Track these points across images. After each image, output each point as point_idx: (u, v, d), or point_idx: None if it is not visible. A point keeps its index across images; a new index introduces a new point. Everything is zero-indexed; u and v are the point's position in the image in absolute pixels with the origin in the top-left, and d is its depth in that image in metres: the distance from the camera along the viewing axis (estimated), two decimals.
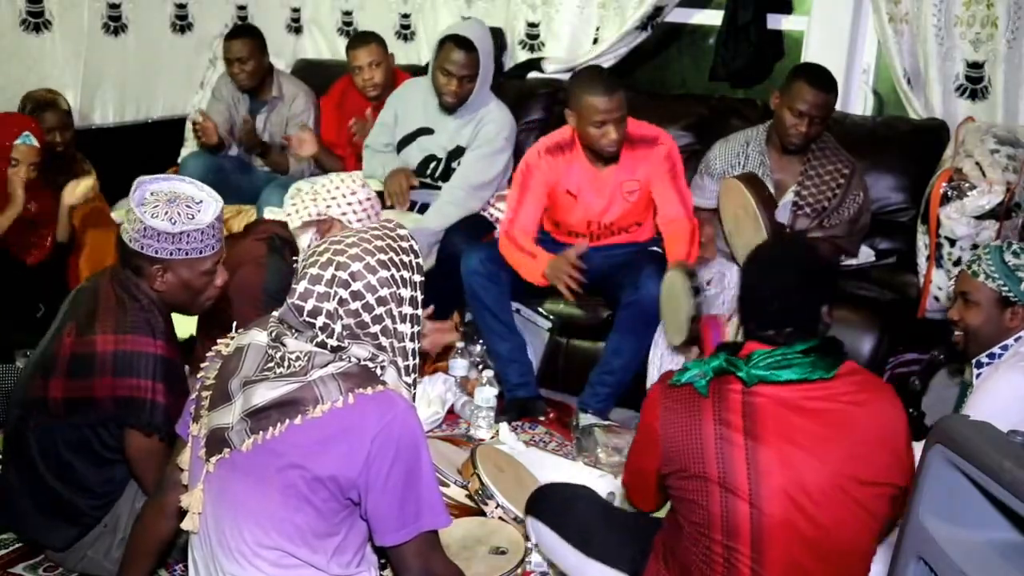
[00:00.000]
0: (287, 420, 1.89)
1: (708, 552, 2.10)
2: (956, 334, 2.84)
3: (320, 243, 2.04)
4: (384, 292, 1.97)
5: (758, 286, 2.20)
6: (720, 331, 3.05)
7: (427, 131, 4.25)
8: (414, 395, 2.10)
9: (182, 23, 5.47)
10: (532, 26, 5.16)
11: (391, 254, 2.01)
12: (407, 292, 2.03)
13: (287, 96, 4.92)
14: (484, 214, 4.18)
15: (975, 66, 4.07)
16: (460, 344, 4.01)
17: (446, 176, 4.20)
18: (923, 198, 3.73)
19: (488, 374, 3.73)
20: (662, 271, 3.62)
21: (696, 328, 3.31)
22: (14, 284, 3.88)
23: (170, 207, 2.39)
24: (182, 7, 5.45)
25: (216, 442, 1.98)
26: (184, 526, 2.04)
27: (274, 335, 1.99)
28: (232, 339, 2.13)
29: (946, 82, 4.15)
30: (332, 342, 1.95)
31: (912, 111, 4.27)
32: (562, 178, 3.78)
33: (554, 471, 3.26)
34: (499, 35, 5.15)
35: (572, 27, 5.06)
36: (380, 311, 1.97)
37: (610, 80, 3.63)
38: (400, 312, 2.02)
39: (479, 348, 4.00)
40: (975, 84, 4.09)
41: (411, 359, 2.07)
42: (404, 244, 2.05)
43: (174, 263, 2.44)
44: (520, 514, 2.81)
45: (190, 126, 5.41)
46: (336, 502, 1.94)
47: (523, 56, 5.20)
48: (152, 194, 2.41)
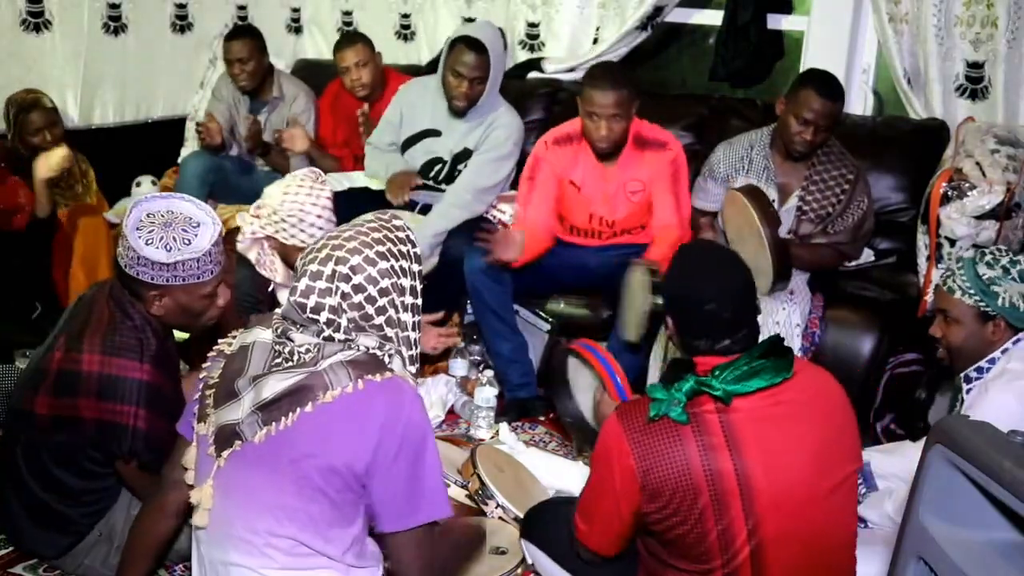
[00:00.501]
0: (298, 408, 1.91)
1: None
2: (940, 351, 2.77)
3: (317, 241, 2.06)
4: (386, 283, 1.99)
5: (706, 299, 2.08)
6: (606, 357, 2.97)
7: (434, 133, 4.23)
8: (416, 384, 2.11)
9: (182, 23, 5.47)
10: (532, 26, 5.17)
11: (389, 245, 2.02)
12: (407, 282, 2.04)
13: (288, 96, 4.92)
14: (487, 215, 4.17)
15: (975, 66, 4.07)
16: (460, 344, 4.01)
17: (450, 179, 4.19)
18: (923, 198, 3.73)
19: (488, 374, 3.73)
20: None
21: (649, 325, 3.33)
22: None
23: (166, 232, 2.31)
24: (182, 7, 5.45)
25: (226, 437, 1.99)
26: (195, 522, 2.03)
27: (280, 331, 2.00)
28: (234, 338, 2.13)
29: (946, 82, 4.15)
30: (339, 335, 1.97)
31: (912, 111, 4.27)
32: (568, 168, 3.80)
33: (554, 472, 3.26)
34: (499, 35, 5.15)
35: (572, 27, 5.06)
36: (383, 302, 1.99)
37: (614, 77, 3.62)
38: (402, 302, 2.03)
39: (479, 348, 4.00)
40: (975, 84, 4.09)
41: (414, 348, 2.09)
42: (401, 235, 2.07)
43: (171, 288, 2.38)
44: (520, 514, 2.81)
45: (191, 126, 5.42)
46: (351, 492, 1.95)
47: (523, 56, 5.20)
48: (148, 216, 2.34)
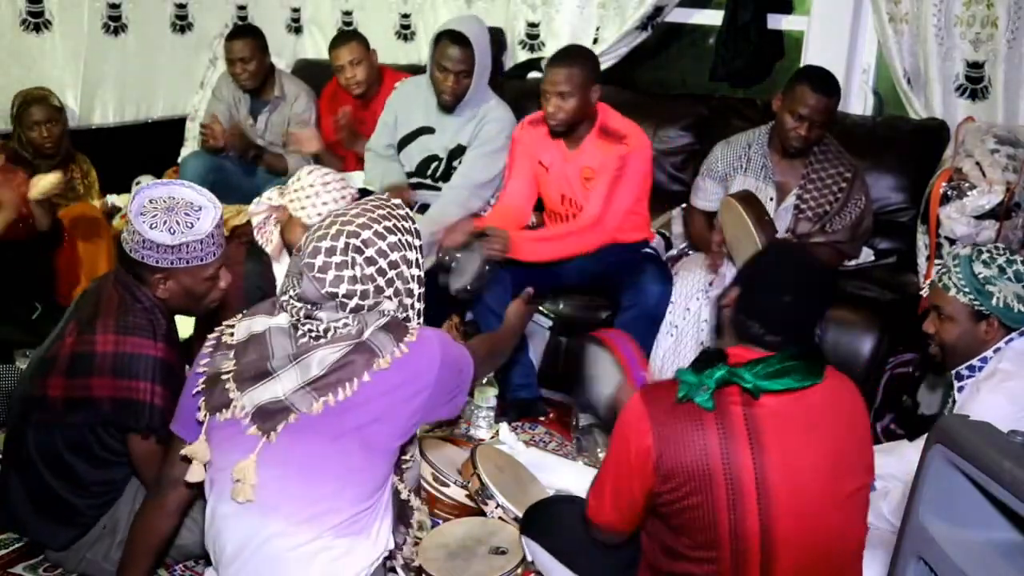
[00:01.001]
0: (355, 378, 2.04)
1: (714, 573, 2.06)
2: (932, 348, 2.77)
3: (322, 220, 2.16)
4: (395, 256, 2.13)
5: (779, 289, 2.11)
6: (629, 346, 2.96)
7: (428, 130, 4.24)
8: None
9: (182, 23, 5.47)
10: (532, 26, 5.17)
11: (394, 221, 2.17)
12: (413, 255, 2.19)
13: (289, 96, 4.92)
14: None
15: (975, 66, 4.07)
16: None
17: (447, 176, 4.19)
18: (923, 198, 3.73)
19: (488, 374, 3.72)
20: (663, 273, 3.63)
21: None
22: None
23: (169, 216, 2.38)
24: (182, 7, 5.45)
25: (271, 414, 2.06)
26: (238, 497, 2.07)
27: (302, 312, 2.09)
28: (232, 327, 2.19)
29: (946, 82, 4.14)
30: (364, 303, 2.10)
31: (912, 111, 4.27)
32: (539, 149, 3.88)
33: (554, 472, 3.26)
34: (499, 35, 5.15)
35: (572, 27, 5.06)
36: (392, 274, 2.13)
37: (571, 55, 3.71)
38: (411, 273, 2.18)
39: None
40: (975, 84, 4.09)
41: (421, 318, 2.24)
42: (401, 211, 2.22)
43: (176, 271, 2.45)
44: (520, 514, 2.81)
45: (191, 126, 5.42)
46: (410, 434, 2.17)
47: (523, 56, 5.20)
48: (151, 202, 2.40)
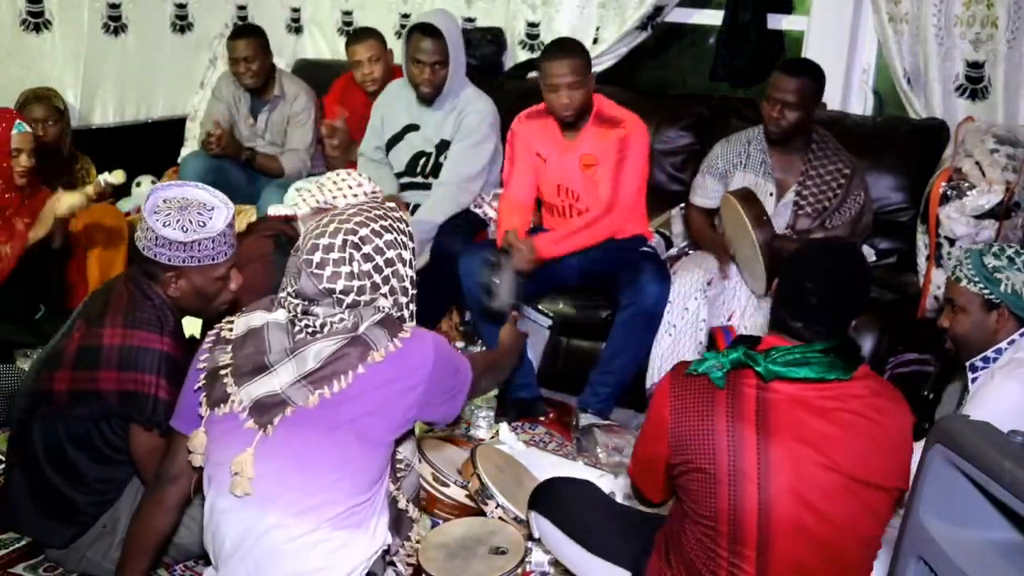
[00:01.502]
0: (350, 371, 2.08)
1: (713, 549, 2.10)
2: (948, 343, 2.83)
3: (318, 219, 2.20)
4: (391, 253, 2.18)
5: (805, 276, 2.15)
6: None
7: (413, 127, 4.25)
8: None
9: (182, 23, 5.47)
10: (532, 26, 5.17)
11: (390, 220, 2.22)
12: (407, 254, 2.24)
13: (289, 95, 4.92)
14: (478, 212, 4.18)
15: (975, 66, 4.07)
16: (460, 344, 4.01)
17: (436, 172, 4.18)
18: (923, 198, 3.73)
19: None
20: (662, 272, 3.64)
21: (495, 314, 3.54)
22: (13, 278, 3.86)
23: (182, 215, 2.42)
24: (182, 7, 5.45)
25: (268, 407, 2.10)
26: (236, 491, 2.10)
27: (300, 309, 2.14)
28: (231, 323, 2.23)
29: (946, 82, 4.15)
30: (360, 299, 2.15)
31: (912, 111, 4.27)
32: (536, 141, 3.91)
33: (554, 471, 3.26)
34: (499, 35, 5.16)
35: (572, 27, 5.05)
36: (388, 271, 2.18)
37: (568, 46, 3.76)
38: (405, 272, 2.23)
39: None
40: (975, 84, 4.09)
41: (414, 319, 2.29)
42: (396, 213, 2.27)
43: (187, 270, 2.48)
44: (520, 514, 2.81)
45: (191, 126, 5.42)
46: (405, 429, 2.21)
47: (523, 56, 5.20)
48: (165, 201, 2.44)
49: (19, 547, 2.84)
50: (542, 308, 3.91)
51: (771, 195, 3.70)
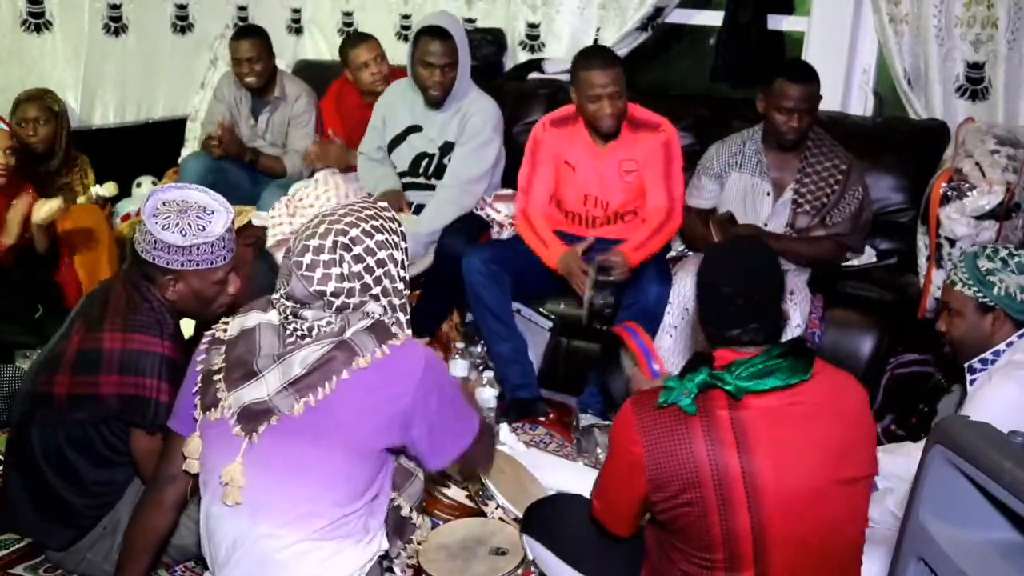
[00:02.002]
0: (334, 377, 2.04)
1: (709, 574, 2.07)
2: (946, 347, 2.84)
3: (309, 220, 2.17)
4: (382, 254, 2.14)
5: (720, 284, 2.10)
6: (641, 336, 2.98)
7: (416, 129, 4.24)
8: None
9: (182, 24, 5.48)
10: (532, 27, 5.17)
11: (381, 220, 2.18)
12: (399, 255, 2.20)
13: (290, 96, 4.92)
14: (480, 214, 4.17)
15: (975, 67, 4.08)
16: (460, 345, 4.01)
17: (439, 173, 4.18)
18: (923, 198, 3.73)
19: (488, 375, 3.73)
20: (663, 273, 3.63)
21: (596, 319, 3.56)
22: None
23: (181, 218, 2.41)
24: (182, 8, 5.46)
25: (255, 415, 2.07)
26: (227, 500, 2.09)
27: (289, 312, 2.10)
28: (227, 324, 2.22)
29: (946, 83, 4.15)
30: (350, 301, 2.10)
31: (912, 111, 4.28)
32: (564, 149, 3.86)
33: (554, 472, 3.26)
34: (499, 35, 5.16)
35: (572, 28, 5.06)
36: (379, 272, 2.14)
37: (607, 56, 3.75)
38: (397, 272, 2.19)
39: (479, 349, 4.00)
40: (975, 85, 4.10)
41: (407, 313, 2.24)
42: (388, 213, 2.22)
43: (185, 273, 2.47)
44: (520, 515, 2.81)
45: (192, 127, 5.42)
46: (393, 445, 2.14)
47: (523, 57, 5.20)
48: (164, 204, 2.43)
49: (19, 548, 2.84)
50: (543, 310, 3.91)
51: (768, 195, 3.71)
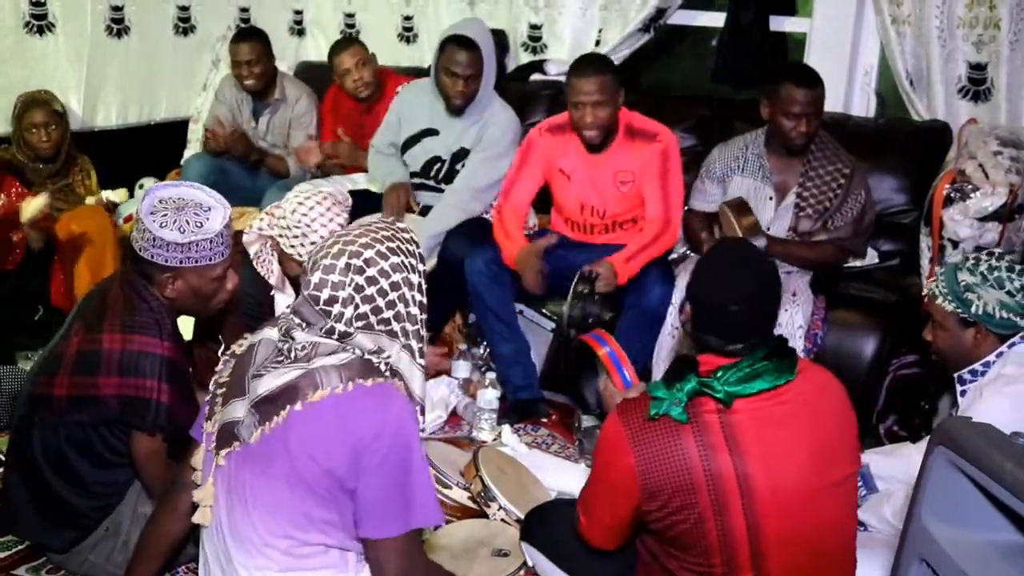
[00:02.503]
0: (288, 406, 1.94)
1: None
2: (933, 355, 2.81)
3: (328, 238, 2.08)
4: (397, 277, 2.02)
5: (730, 300, 2.06)
6: (610, 343, 2.97)
7: (432, 132, 4.24)
8: (425, 376, 2.14)
9: (184, 25, 5.48)
10: (534, 28, 5.17)
11: (397, 242, 2.05)
12: (416, 278, 2.06)
13: (290, 98, 4.93)
14: (486, 217, 4.18)
15: (978, 68, 4.07)
16: (463, 346, 4.01)
17: (449, 178, 4.19)
18: (926, 200, 3.73)
19: (491, 376, 3.73)
20: (666, 274, 3.63)
21: (571, 332, 3.50)
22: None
23: (179, 215, 2.41)
24: (184, 9, 5.46)
25: (226, 436, 2.03)
26: (196, 520, 2.07)
27: (284, 329, 2.04)
28: (246, 339, 2.17)
29: (949, 84, 4.15)
30: (340, 327, 1.98)
31: (914, 113, 4.27)
32: (559, 157, 3.85)
33: (556, 473, 3.26)
34: (502, 37, 5.16)
35: (574, 29, 5.06)
36: (393, 296, 2.01)
37: (594, 64, 3.70)
38: (412, 296, 2.05)
39: (482, 350, 4.00)
40: (978, 86, 4.09)
41: (423, 342, 2.11)
42: (407, 235, 2.10)
43: (184, 271, 2.47)
44: (523, 516, 2.81)
45: (194, 128, 5.42)
46: (341, 492, 1.96)
47: (525, 58, 5.21)
48: (161, 201, 2.43)
49: (21, 549, 2.83)
50: (545, 311, 3.91)
51: (770, 199, 3.70)
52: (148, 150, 5.26)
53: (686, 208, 4.07)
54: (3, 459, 2.94)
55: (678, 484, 2.01)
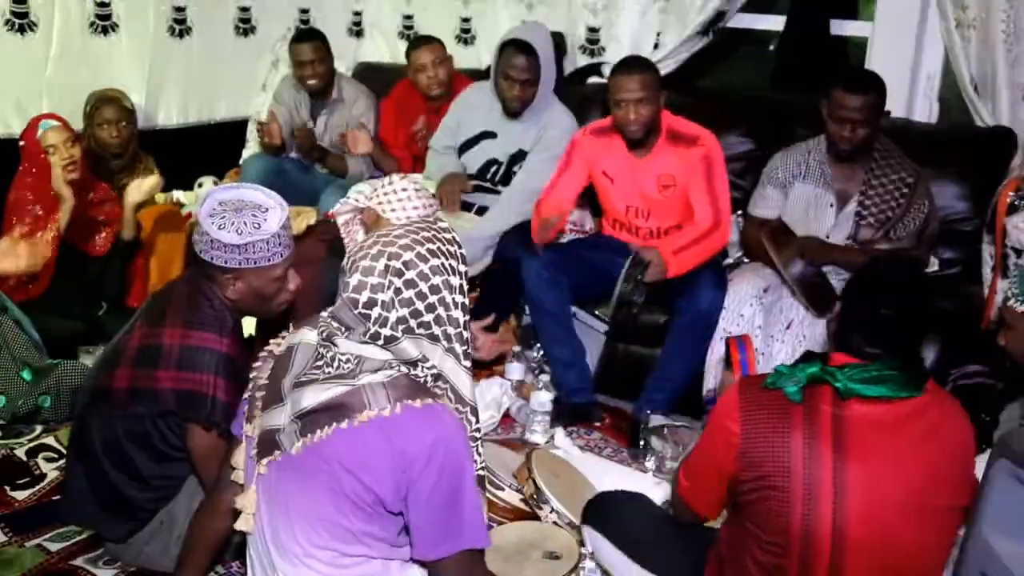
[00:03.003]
0: (334, 424, 1.91)
1: (780, 571, 2.05)
2: (1008, 360, 2.74)
3: (367, 238, 2.05)
4: (437, 280, 1.98)
5: (880, 302, 2.09)
6: (748, 351, 2.98)
7: (490, 135, 4.27)
8: (471, 378, 2.11)
9: (245, 26, 5.53)
10: (592, 31, 5.16)
11: (438, 244, 2.02)
12: (456, 280, 2.03)
13: (348, 99, 4.96)
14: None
15: None
16: (517, 348, 4.01)
17: (506, 180, 4.21)
18: (989, 207, 3.67)
19: (544, 378, 3.73)
20: (719, 278, 3.61)
21: (622, 312, 3.60)
22: (77, 274, 3.99)
23: (237, 217, 2.43)
24: (245, 10, 5.51)
25: (267, 444, 2.02)
26: (238, 527, 2.08)
27: (325, 334, 2.02)
28: (283, 338, 2.17)
29: (1014, 89, 4.07)
30: (386, 331, 1.95)
31: (979, 118, 4.20)
32: (601, 159, 3.88)
33: (608, 477, 3.25)
34: (559, 39, 5.15)
35: (633, 32, 5.03)
36: (433, 299, 1.98)
37: (637, 62, 3.78)
38: (453, 299, 2.02)
39: (535, 353, 4.00)
40: None
41: (467, 344, 2.07)
42: (448, 236, 2.07)
43: (244, 272, 2.49)
44: (575, 519, 2.81)
45: (253, 127, 5.48)
46: (385, 510, 1.96)
47: (583, 61, 5.19)
48: (220, 204, 2.46)
49: (80, 540, 2.90)
50: (599, 313, 3.90)
51: (831, 206, 3.65)
52: (208, 149, 5.31)
53: (740, 213, 4.05)
54: (65, 450, 3.00)
55: (775, 461, 2.02)
